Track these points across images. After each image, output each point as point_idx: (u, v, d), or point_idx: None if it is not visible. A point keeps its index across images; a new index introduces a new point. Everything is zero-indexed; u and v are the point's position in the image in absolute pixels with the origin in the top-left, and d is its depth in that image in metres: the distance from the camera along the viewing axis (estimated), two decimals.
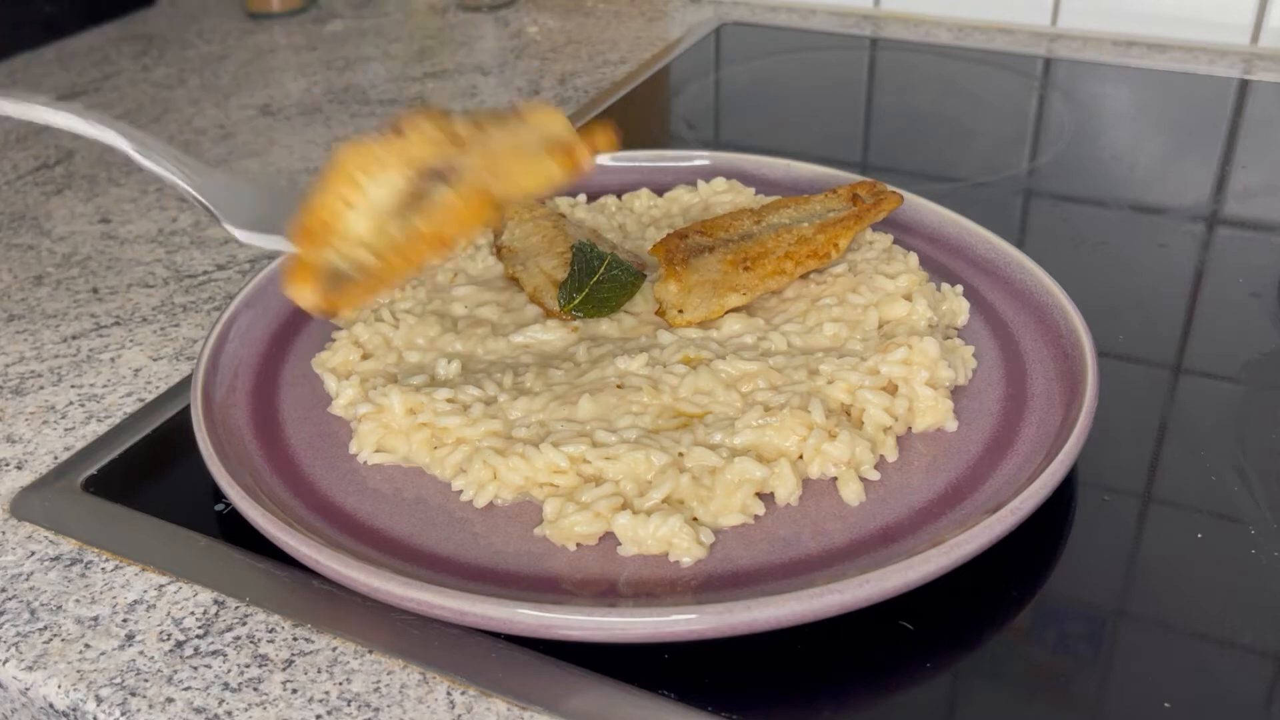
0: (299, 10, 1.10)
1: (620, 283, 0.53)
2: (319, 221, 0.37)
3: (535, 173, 0.38)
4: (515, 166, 0.38)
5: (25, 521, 0.46)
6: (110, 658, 0.40)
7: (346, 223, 0.37)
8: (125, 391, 0.54)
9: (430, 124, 0.39)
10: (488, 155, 0.38)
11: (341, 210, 0.37)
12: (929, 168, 0.75)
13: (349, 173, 0.38)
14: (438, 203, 0.37)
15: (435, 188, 0.37)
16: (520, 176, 0.38)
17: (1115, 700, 0.38)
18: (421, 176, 0.38)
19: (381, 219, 0.37)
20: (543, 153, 0.39)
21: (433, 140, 0.39)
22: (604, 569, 0.41)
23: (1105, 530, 0.44)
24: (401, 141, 0.38)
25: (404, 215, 0.37)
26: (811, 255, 0.53)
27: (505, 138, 0.39)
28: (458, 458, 0.45)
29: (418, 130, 0.39)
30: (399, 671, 0.39)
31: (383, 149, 0.38)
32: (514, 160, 0.38)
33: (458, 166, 0.38)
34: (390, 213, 0.37)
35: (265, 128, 0.85)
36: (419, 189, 0.37)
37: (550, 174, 0.39)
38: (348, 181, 0.38)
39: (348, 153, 0.39)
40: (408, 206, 0.37)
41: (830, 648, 0.39)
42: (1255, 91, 0.84)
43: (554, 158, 0.39)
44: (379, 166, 0.38)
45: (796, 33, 0.99)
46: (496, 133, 0.40)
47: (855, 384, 0.47)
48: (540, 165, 0.38)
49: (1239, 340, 0.55)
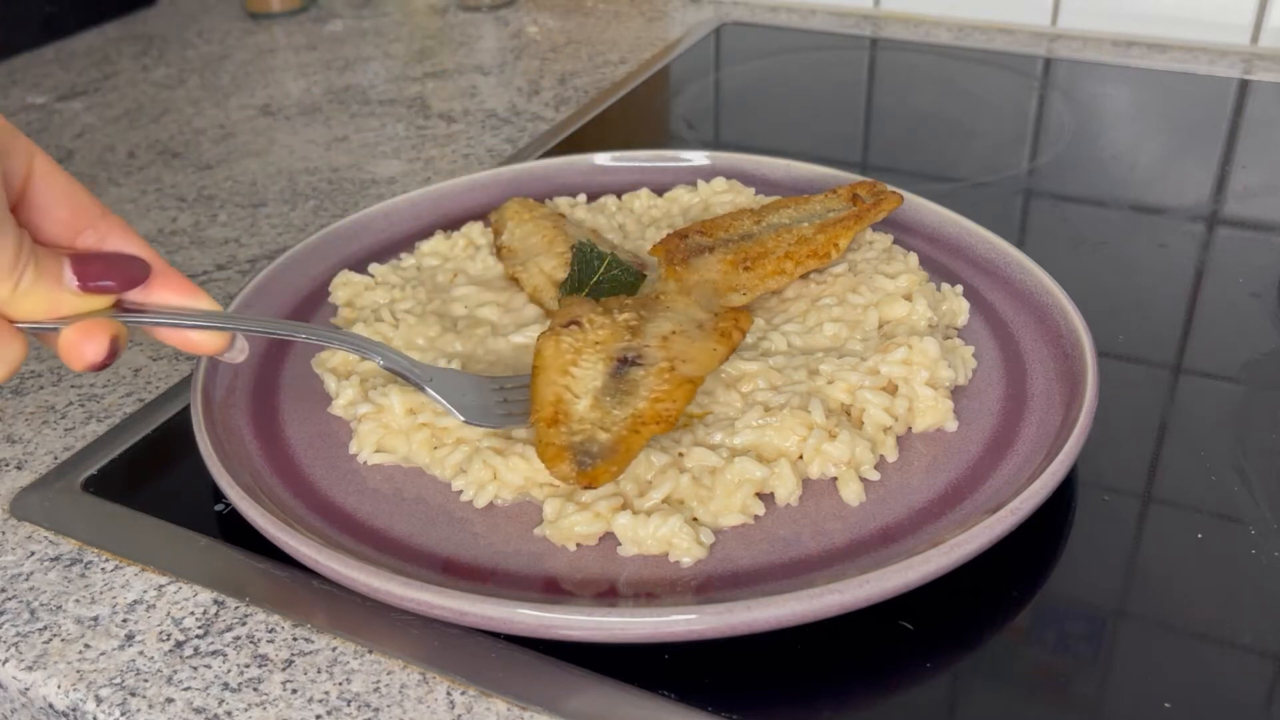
0: (299, 10, 1.10)
1: (620, 282, 0.53)
2: (552, 410, 0.43)
3: (710, 354, 0.45)
4: (690, 348, 0.45)
5: (25, 521, 0.46)
6: (110, 658, 0.40)
7: (574, 408, 0.43)
8: (125, 391, 0.54)
9: (599, 315, 0.47)
10: (661, 340, 0.46)
11: (567, 398, 0.43)
12: (929, 168, 0.75)
13: (560, 365, 0.44)
14: (639, 382, 0.44)
15: (629, 371, 0.44)
16: (699, 356, 0.45)
17: (1115, 700, 0.38)
18: (613, 360, 0.45)
19: (599, 400, 0.43)
20: (705, 337, 0.46)
21: (609, 328, 0.46)
22: (604, 569, 0.41)
23: (1105, 530, 0.44)
24: (585, 332, 0.46)
25: (614, 395, 0.43)
26: (811, 255, 0.53)
27: (666, 323, 0.46)
28: (458, 458, 0.45)
29: (592, 320, 0.46)
30: (399, 671, 0.39)
31: (577, 340, 0.45)
32: (686, 344, 0.45)
33: (641, 350, 0.45)
34: (603, 392, 0.43)
35: (265, 128, 0.85)
36: (615, 371, 0.44)
37: (721, 354, 0.46)
38: (561, 372, 0.44)
39: (550, 347, 0.45)
40: (614, 389, 0.44)
41: (830, 648, 0.39)
42: (1255, 91, 0.84)
43: (718, 342, 0.46)
44: (579, 356, 0.45)
45: (796, 33, 0.99)
46: (655, 317, 0.47)
47: (855, 384, 0.47)
48: (710, 348, 0.46)
49: (1239, 340, 0.55)
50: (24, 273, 0.37)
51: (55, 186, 0.39)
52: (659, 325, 0.47)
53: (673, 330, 0.46)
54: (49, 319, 0.38)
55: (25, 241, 0.37)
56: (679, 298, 0.49)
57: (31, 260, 0.37)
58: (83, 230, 0.40)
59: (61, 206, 0.39)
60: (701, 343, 0.46)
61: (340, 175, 0.76)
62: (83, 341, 0.39)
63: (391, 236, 0.63)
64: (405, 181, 0.75)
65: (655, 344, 0.45)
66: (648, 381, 0.44)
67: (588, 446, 0.42)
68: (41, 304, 0.38)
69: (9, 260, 0.36)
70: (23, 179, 0.39)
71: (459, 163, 0.77)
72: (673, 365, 0.44)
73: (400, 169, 0.77)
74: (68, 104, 0.90)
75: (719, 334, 0.46)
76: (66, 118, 0.88)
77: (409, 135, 0.82)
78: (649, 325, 0.47)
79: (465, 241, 0.60)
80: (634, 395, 0.43)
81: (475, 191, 0.66)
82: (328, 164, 0.78)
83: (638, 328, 0.46)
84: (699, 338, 0.46)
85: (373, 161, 0.78)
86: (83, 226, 0.40)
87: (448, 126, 0.83)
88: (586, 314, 0.47)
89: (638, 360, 0.45)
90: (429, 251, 0.60)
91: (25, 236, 0.37)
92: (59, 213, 0.39)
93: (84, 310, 0.39)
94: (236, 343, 0.43)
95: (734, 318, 0.47)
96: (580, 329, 0.46)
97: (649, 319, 0.47)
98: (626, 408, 0.43)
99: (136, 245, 0.41)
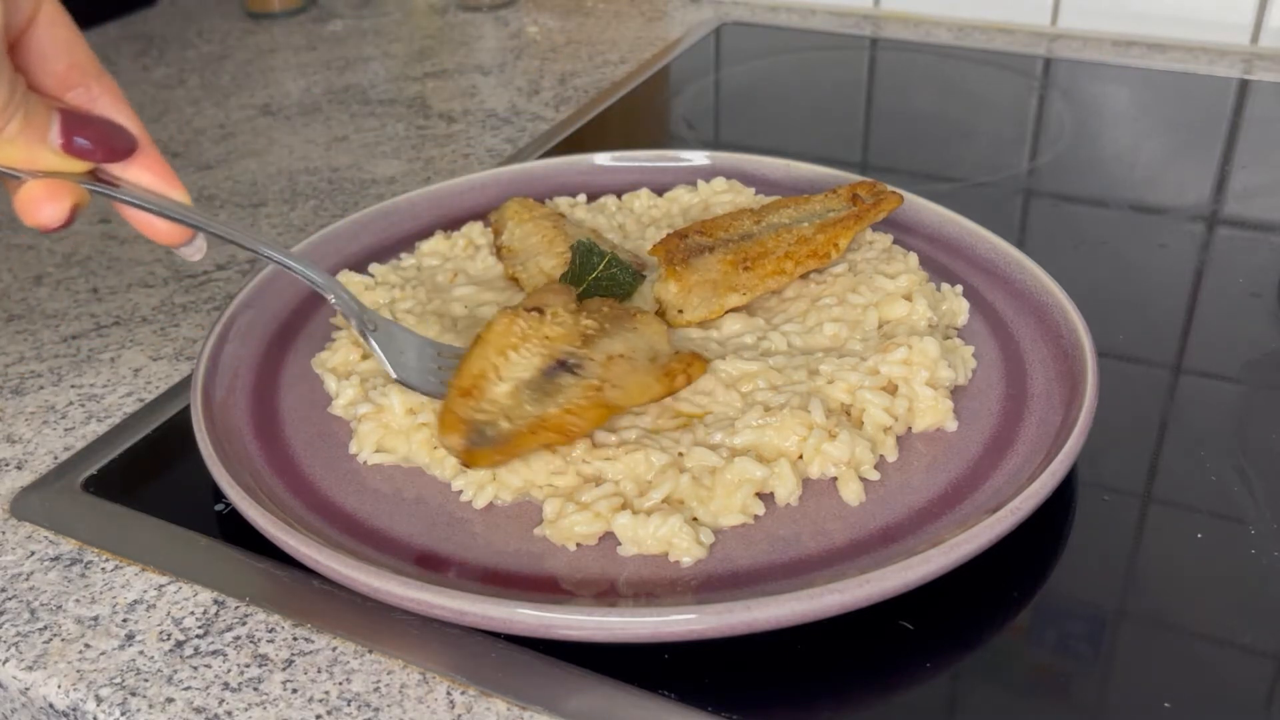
0: (299, 10, 1.10)
1: (619, 281, 0.53)
2: (472, 382, 0.43)
3: (643, 389, 0.44)
4: (628, 377, 0.44)
5: (25, 521, 0.46)
6: (110, 658, 0.40)
7: (493, 388, 0.43)
8: (125, 391, 0.54)
9: (565, 312, 0.46)
10: (606, 358, 0.45)
11: (491, 377, 0.43)
12: (929, 168, 0.75)
13: (500, 345, 0.44)
14: (563, 389, 0.43)
15: (561, 375, 0.44)
16: (631, 387, 0.44)
17: (1115, 700, 0.38)
18: (552, 360, 0.44)
19: (519, 391, 0.43)
20: (649, 371, 0.45)
21: (566, 327, 0.45)
22: (604, 569, 0.41)
23: (1105, 530, 0.44)
24: (541, 323, 0.45)
25: (535, 392, 0.43)
26: (811, 255, 0.53)
27: (620, 343, 0.46)
28: None
29: (555, 315, 0.45)
30: (399, 671, 0.39)
31: (530, 327, 0.45)
32: (627, 371, 0.44)
33: (582, 361, 0.44)
34: (526, 385, 0.43)
35: (265, 127, 0.85)
36: (549, 370, 0.44)
37: (654, 393, 0.45)
38: (498, 352, 0.44)
39: (502, 324, 0.45)
40: (538, 385, 0.43)
41: (830, 648, 0.39)
42: (1255, 91, 0.84)
43: (658, 380, 0.45)
44: (523, 343, 0.44)
45: (796, 33, 0.99)
46: (615, 334, 0.46)
47: (855, 384, 0.47)
48: (647, 384, 0.45)
49: (1239, 340, 0.55)
50: (10, 120, 0.35)
51: (58, 37, 0.38)
52: (611, 343, 0.46)
53: (621, 353, 0.45)
54: (20, 168, 0.37)
55: (19, 87, 0.35)
56: (654, 322, 0.49)
57: (22, 108, 0.35)
58: (75, 87, 0.38)
59: (60, 58, 0.38)
60: (641, 375, 0.45)
61: (340, 175, 0.76)
62: (45, 200, 0.37)
63: (391, 236, 0.63)
64: (405, 181, 0.75)
65: (599, 359, 0.45)
66: (570, 393, 0.44)
67: (484, 429, 0.42)
68: (20, 154, 0.36)
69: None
70: (26, 19, 0.37)
71: (459, 163, 0.77)
72: (601, 386, 0.44)
73: (400, 169, 0.77)
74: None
75: (664, 372, 0.46)
76: None
77: (409, 135, 0.82)
78: (602, 340, 0.46)
79: (465, 241, 0.60)
80: (551, 400, 0.43)
81: (475, 191, 0.66)
82: (327, 164, 0.78)
83: (592, 339, 0.46)
84: (642, 370, 0.45)
85: (372, 161, 0.78)
86: (76, 83, 0.38)
87: (448, 126, 0.83)
88: (554, 306, 0.47)
89: (575, 368, 0.44)
90: (429, 251, 0.60)
91: (20, 82, 0.35)
92: (55, 64, 0.38)
93: (58, 170, 0.37)
94: (196, 240, 0.42)
95: (687, 362, 0.46)
96: (539, 318, 0.46)
97: (608, 333, 0.47)
98: (539, 407, 0.43)
99: (126, 115, 0.39)
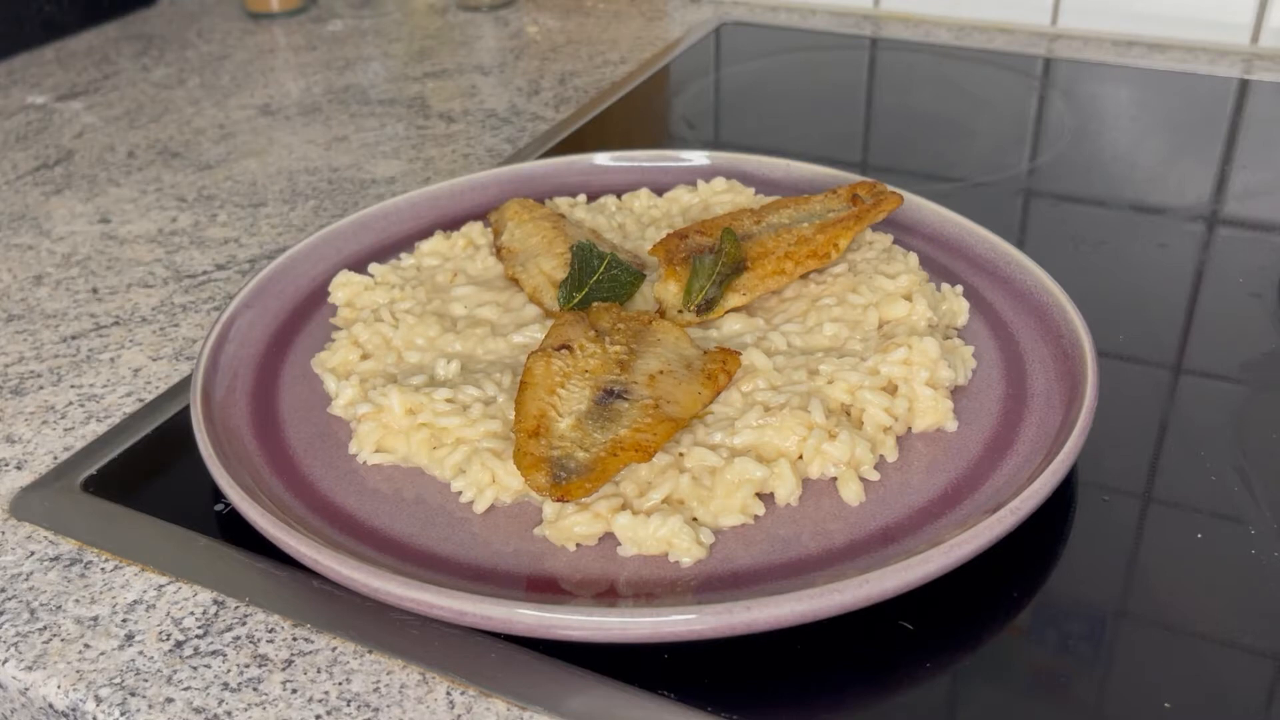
0: (299, 10, 1.10)
1: (619, 282, 0.53)
2: (536, 423, 0.44)
3: (694, 398, 0.46)
4: (676, 390, 0.46)
5: (25, 521, 0.46)
6: (110, 658, 0.40)
7: (556, 425, 0.44)
8: (125, 391, 0.54)
9: (591, 342, 0.47)
10: (648, 379, 0.46)
11: (552, 415, 0.44)
12: (929, 168, 0.75)
13: (548, 385, 0.45)
14: (622, 413, 0.44)
15: (614, 402, 0.45)
16: (683, 399, 0.45)
17: (1115, 700, 0.38)
18: (599, 390, 0.45)
19: (582, 422, 0.44)
20: (692, 379, 0.46)
21: (599, 358, 0.47)
22: (604, 569, 0.41)
23: (1105, 530, 0.44)
24: (575, 359, 0.46)
25: (597, 420, 0.44)
26: (811, 255, 0.53)
27: (655, 361, 0.47)
28: (457, 458, 0.45)
29: (583, 348, 0.47)
30: (399, 671, 0.39)
31: (567, 365, 0.46)
32: (673, 385, 0.46)
33: (628, 386, 0.45)
34: (586, 416, 0.44)
35: (265, 127, 0.85)
36: (599, 399, 0.45)
37: (705, 399, 0.46)
38: (549, 391, 0.45)
39: (540, 367, 0.46)
40: (597, 414, 0.44)
41: (830, 648, 0.39)
42: (1255, 91, 0.84)
43: (703, 385, 0.46)
44: (567, 380, 0.46)
45: (796, 33, 0.99)
46: (645, 352, 0.48)
47: (855, 384, 0.47)
48: (696, 391, 0.46)
49: (1239, 340, 0.55)
50: None
51: None
52: (648, 363, 0.47)
53: (660, 370, 0.46)
54: None
55: None
56: (671, 329, 0.49)
57: None
58: None
59: None
60: (688, 385, 0.46)
61: (340, 175, 0.76)
62: None
63: (391, 236, 0.63)
64: (405, 181, 0.75)
65: (642, 381, 0.46)
66: (631, 414, 0.44)
67: (565, 462, 0.42)
68: None
69: None
70: None
71: (459, 163, 0.77)
72: (657, 404, 0.45)
73: (400, 169, 0.77)
74: (68, 104, 0.90)
75: (705, 376, 0.47)
76: (66, 117, 0.88)
77: (409, 135, 0.82)
78: (638, 362, 0.47)
79: (465, 241, 0.60)
80: (616, 423, 0.44)
81: (475, 191, 0.66)
82: (327, 164, 0.78)
83: (627, 362, 0.47)
84: (686, 379, 0.46)
85: (372, 161, 0.78)
86: None
87: (447, 126, 0.83)
88: (579, 339, 0.48)
89: (624, 394, 0.45)
90: (429, 251, 0.60)
91: None
92: None
93: None
94: None
95: (722, 359, 0.47)
96: (571, 354, 0.47)
97: (639, 354, 0.47)
98: (608, 433, 0.44)
99: None
